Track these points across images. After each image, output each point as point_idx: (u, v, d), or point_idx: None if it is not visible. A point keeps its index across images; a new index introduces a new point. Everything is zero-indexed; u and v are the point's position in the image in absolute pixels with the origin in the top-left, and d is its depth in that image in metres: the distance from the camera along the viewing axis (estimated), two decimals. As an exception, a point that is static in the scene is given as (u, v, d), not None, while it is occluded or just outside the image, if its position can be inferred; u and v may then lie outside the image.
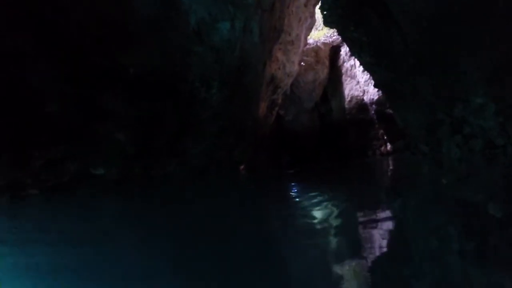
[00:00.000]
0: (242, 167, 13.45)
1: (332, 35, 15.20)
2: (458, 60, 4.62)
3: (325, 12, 5.60)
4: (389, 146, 11.81)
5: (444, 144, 5.71)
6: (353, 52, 5.99)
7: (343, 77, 14.08)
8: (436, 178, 5.90)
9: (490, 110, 4.61)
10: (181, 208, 5.49)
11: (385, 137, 11.95)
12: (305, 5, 11.83)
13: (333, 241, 3.93)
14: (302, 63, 14.32)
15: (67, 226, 4.65)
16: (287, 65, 12.96)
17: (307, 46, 14.37)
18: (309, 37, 14.60)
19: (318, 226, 4.38)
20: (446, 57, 4.73)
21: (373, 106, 11.98)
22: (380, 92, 11.84)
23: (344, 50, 14.30)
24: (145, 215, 4.92)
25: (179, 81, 6.06)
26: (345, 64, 14.12)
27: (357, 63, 13.44)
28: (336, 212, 4.99)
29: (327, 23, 5.67)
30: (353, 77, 13.64)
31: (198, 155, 9.40)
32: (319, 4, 6.07)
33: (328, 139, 13.53)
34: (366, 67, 6.04)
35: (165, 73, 5.81)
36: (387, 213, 5.29)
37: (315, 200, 5.90)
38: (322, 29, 15.95)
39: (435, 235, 3.91)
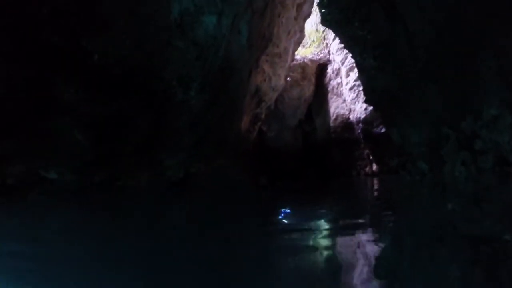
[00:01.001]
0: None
1: (319, 53, 14.86)
2: (473, 66, 4.07)
3: (323, 10, 5.03)
4: (374, 167, 11.25)
5: (448, 163, 5.10)
6: (354, 53, 5.39)
7: (329, 95, 13.62)
8: (437, 201, 5.24)
9: (505, 122, 4.04)
10: (136, 224, 4.53)
11: (371, 157, 11.40)
12: (295, 19, 11.39)
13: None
14: (288, 78, 13.81)
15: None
16: (273, 79, 12.39)
17: (294, 62, 13.89)
18: (296, 52, 14.19)
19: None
20: (459, 62, 4.17)
21: (360, 125, 11.47)
22: (367, 110, 11.37)
23: (331, 68, 13.92)
24: (92, 229, 4.00)
25: (153, 78, 5.26)
26: (331, 82, 13.69)
27: (344, 81, 13.03)
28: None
29: (325, 21, 5.07)
30: (339, 95, 13.19)
31: (173, 167, 8.52)
32: (316, 4, 5.46)
33: (311, 158, 12.89)
34: (365, 72, 5.42)
35: (137, 67, 5.00)
36: (373, 253, 3.29)
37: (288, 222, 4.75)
38: (309, 47, 15.61)
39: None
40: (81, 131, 4.68)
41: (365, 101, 7.70)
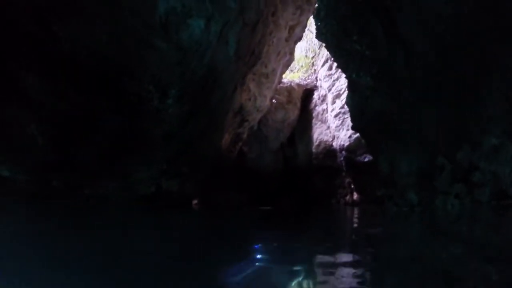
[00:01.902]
0: (195, 202, 11.91)
1: (307, 79, 14.74)
2: (475, 91, 3.78)
3: (319, 23, 4.71)
4: (355, 196, 10.87)
5: (440, 195, 4.73)
6: (349, 70, 5.02)
7: (313, 120, 13.38)
8: (423, 237, 4.80)
9: (507, 153, 3.72)
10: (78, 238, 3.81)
11: (352, 186, 11.03)
12: (286, 40, 11.20)
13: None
14: (273, 100, 13.52)
15: None
16: (259, 99, 12.04)
17: (281, 85, 13.67)
18: (284, 75, 14.00)
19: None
20: (460, 86, 3.87)
21: (343, 152, 11.16)
22: (351, 138, 11.10)
23: (318, 94, 13.75)
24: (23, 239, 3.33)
25: (128, 78, 4.74)
26: (316, 108, 13.49)
27: (330, 107, 12.83)
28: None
29: (321, 34, 4.74)
30: (324, 121, 12.95)
31: (144, 181, 7.87)
32: (312, 16, 5.11)
33: (291, 183, 12.44)
34: (359, 91, 5.06)
35: (111, 63, 4.48)
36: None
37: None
38: (297, 71, 15.51)
39: None
40: (39, 126, 4.07)
41: (352, 127, 7.37)
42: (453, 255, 3.49)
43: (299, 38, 11.70)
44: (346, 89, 11.91)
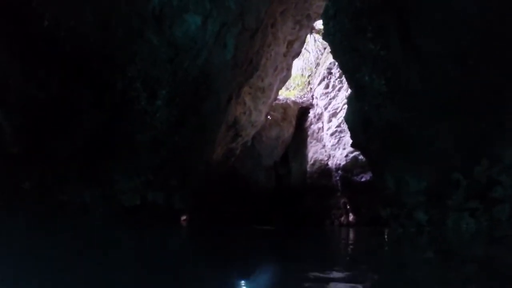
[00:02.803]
0: (184, 218, 11.23)
1: (302, 97, 14.44)
2: (499, 99, 3.38)
3: (329, 22, 4.30)
4: (351, 217, 10.34)
5: (452, 213, 4.23)
6: (360, 73, 4.45)
7: (309, 139, 12.97)
8: (433, 259, 4.26)
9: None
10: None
11: (348, 207, 10.52)
12: (284, 55, 10.90)
13: None
14: (268, 117, 13.13)
15: None
16: (254, 113, 11.60)
17: (277, 101, 13.32)
18: (280, 92, 13.68)
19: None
20: (483, 95, 3.47)
21: (339, 172, 10.69)
22: (348, 157, 10.66)
23: (313, 112, 13.40)
24: None
25: (113, 70, 4.26)
26: (312, 126, 13.11)
27: (326, 126, 12.45)
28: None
29: (329, 35, 4.32)
30: (319, 140, 12.54)
31: (128, 192, 7.26)
32: (321, 16, 4.68)
33: (284, 202, 11.87)
34: (369, 98, 4.56)
35: (95, 50, 4.01)
36: None
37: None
38: (293, 89, 15.23)
39: None
40: (4, 112, 3.52)
41: (353, 144, 6.83)
42: (468, 277, 2.98)
43: (297, 54, 11.43)
44: (346, 105, 11.58)
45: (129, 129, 5.36)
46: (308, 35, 13.33)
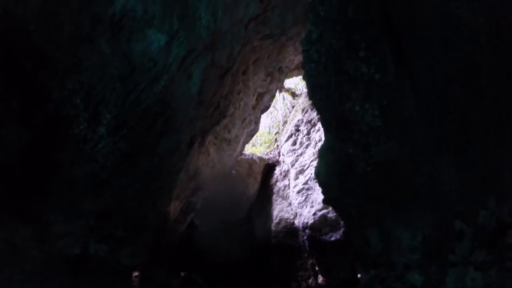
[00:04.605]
0: (136, 274, 9.45)
1: (268, 153, 13.81)
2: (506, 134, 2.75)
3: (309, 50, 3.68)
4: (320, 279, 9.13)
5: (452, 270, 3.36)
6: (350, 101, 3.58)
7: (274, 196, 12.06)
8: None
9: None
10: None
11: (316, 268, 9.35)
12: (253, 108, 10.38)
13: None
14: (233, 171, 12.22)
15: None
16: (217, 166, 10.66)
17: (242, 156, 12.56)
18: (246, 148, 13.00)
19: None
20: (491, 124, 2.86)
21: (306, 231, 9.70)
22: (316, 216, 9.76)
23: (280, 169, 12.69)
24: None
25: (50, 74, 3.30)
26: (278, 183, 12.30)
27: (292, 183, 11.66)
28: None
29: (311, 62, 3.62)
30: (285, 198, 11.66)
31: (65, 238, 5.81)
32: (301, 43, 4.06)
33: (247, 263, 10.50)
34: (359, 135, 3.75)
35: (29, 46, 3.07)
36: None
37: None
38: (259, 146, 14.63)
39: None
40: None
41: (326, 200, 5.88)
42: None
43: (266, 108, 10.99)
44: (313, 162, 10.94)
45: (64, 159, 4.22)
46: (277, 93, 13.16)
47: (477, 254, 3.12)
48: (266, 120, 14.77)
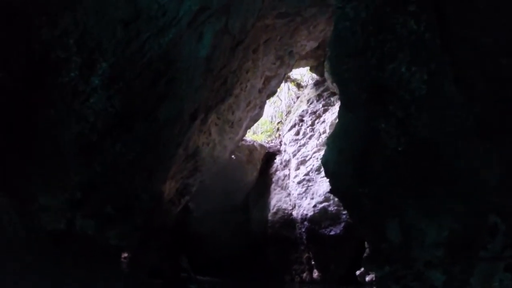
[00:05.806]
0: (125, 255, 8.84)
1: (270, 142, 13.20)
2: None
3: (345, 8, 3.05)
4: (315, 273, 8.59)
5: (478, 268, 2.81)
6: (395, 62, 2.97)
7: (272, 186, 11.48)
8: None
9: None
10: None
11: (312, 262, 8.80)
12: (260, 91, 9.73)
13: None
14: (233, 156, 11.59)
15: None
16: (218, 148, 9.98)
17: (243, 142, 11.94)
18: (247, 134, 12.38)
19: None
20: None
21: (305, 223, 9.13)
22: (316, 208, 9.18)
23: (280, 158, 12.07)
24: None
25: (39, 8, 2.63)
26: (277, 173, 11.71)
27: (293, 173, 11.06)
28: None
29: (345, 21, 3.01)
30: (284, 188, 11.07)
31: (50, 211, 5.15)
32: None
33: (241, 252, 9.94)
34: (389, 112, 3.13)
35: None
36: None
37: None
38: (261, 134, 14.01)
39: None
40: None
41: (333, 190, 5.23)
42: None
43: (273, 93, 10.36)
44: (315, 153, 10.32)
45: (50, 116, 3.55)
46: (282, 83, 12.51)
47: (508, 253, 2.61)
48: (269, 109, 14.15)
